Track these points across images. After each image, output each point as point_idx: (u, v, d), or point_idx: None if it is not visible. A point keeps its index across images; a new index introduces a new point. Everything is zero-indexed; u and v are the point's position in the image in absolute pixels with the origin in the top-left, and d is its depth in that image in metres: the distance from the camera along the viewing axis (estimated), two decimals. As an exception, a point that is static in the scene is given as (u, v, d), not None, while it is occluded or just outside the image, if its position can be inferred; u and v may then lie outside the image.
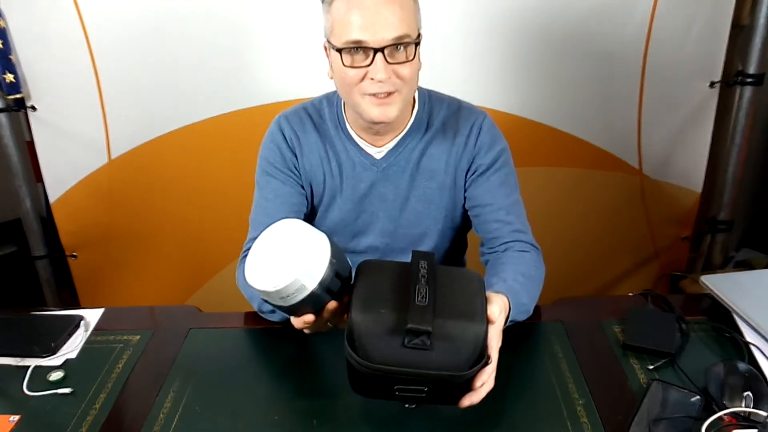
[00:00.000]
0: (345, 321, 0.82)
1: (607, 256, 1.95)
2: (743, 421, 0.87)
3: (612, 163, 1.82)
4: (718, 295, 1.10)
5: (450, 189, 1.14)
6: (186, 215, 1.89)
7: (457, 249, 1.27)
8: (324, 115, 1.13)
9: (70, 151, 1.79)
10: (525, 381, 0.98)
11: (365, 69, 0.97)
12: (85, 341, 1.12)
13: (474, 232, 1.19)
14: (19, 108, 1.77)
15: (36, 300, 2.05)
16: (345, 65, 0.97)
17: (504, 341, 0.93)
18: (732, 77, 1.74)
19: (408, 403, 0.81)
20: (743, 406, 0.88)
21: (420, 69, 1.02)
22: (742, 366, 0.94)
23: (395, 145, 1.11)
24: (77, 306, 1.79)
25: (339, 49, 0.96)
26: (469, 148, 1.12)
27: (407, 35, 0.95)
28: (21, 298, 2.13)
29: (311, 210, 1.19)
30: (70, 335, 1.12)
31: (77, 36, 1.65)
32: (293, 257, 0.78)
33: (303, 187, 1.15)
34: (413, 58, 0.98)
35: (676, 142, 1.78)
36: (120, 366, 1.05)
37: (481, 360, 0.79)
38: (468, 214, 1.17)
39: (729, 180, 1.87)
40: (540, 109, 1.75)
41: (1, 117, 1.78)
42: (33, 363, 1.05)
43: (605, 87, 1.73)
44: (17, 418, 0.95)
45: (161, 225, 1.90)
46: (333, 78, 1.05)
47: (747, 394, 0.89)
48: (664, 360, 0.99)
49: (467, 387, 0.82)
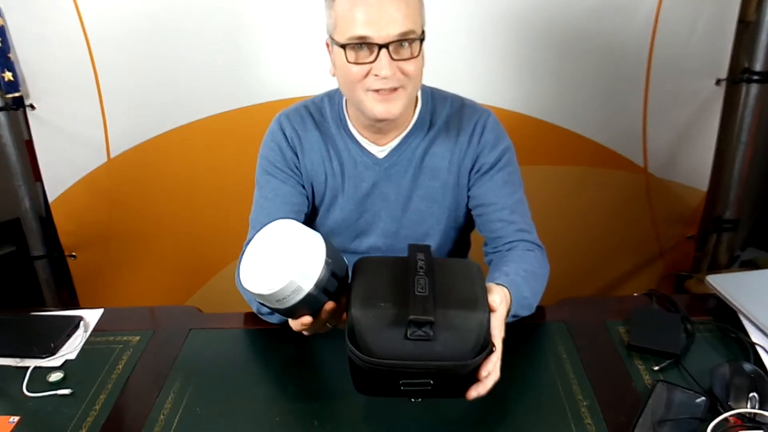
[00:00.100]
0: (344, 321, 0.81)
1: (612, 255, 1.95)
2: (749, 423, 0.86)
3: (617, 162, 1.81)
4: (723, 295, 1.09)
5: (453, 188, 1.13)
6: (186, 214, 1.89)
7: (461, 249, 1.26)
8: (325, 114, 1.13)
9: (69, 150, 1.79)
10: (529, 382, 0.97)
11: (369, 65, 0.96)
12: (85, 342, 1.11)
13: (477, 231, 1.18)
14: (18, 107, 1.77)
15: (35, 300, 2.05)
16: (349, 61, 0.96)
17: (508, 342, 0.91)
18: (738, 74, 1.74)
19: (414, 398, 0.80)
20: (749, 407, 0.87)
21: (424, 66, 1.01)
22: (747, 367, 0.93)
23: (398, 144, 1.11)
24: (76, 306, 1.78)
25: (343, 45, 0.96)
26: (473, 146, 1.11)
27: (412, 31, 0.95)
28: (20, 298, 2.14)
29: (312, 210, 1.18)
30: (69, 336, 1.12)
31: (76, 35, 1.65)
32: (288, 259, 0.77)
33: (304, 187, 1.14)
34: (418, 54, 0.97)
35: (681, 140, 1.78)
36: (120, 367, 1.04)
37: (485, 348, 0.78)
38: (471, 213, 1.16)
39: (735, 179, 1.86)
40: (544, 107, 1.75)
41: (0, 116, 1.78)
42: (32, 364, 1.05)
43: (610, 84, 1.72)
44: (17, 419, 0.94)
45: (161, 224, 1.90)
46: (335, 75, 1.04)
47: (753, 395, 0.88)
48: (669, 361, 0.99)
49: (473, 378, 0.81)
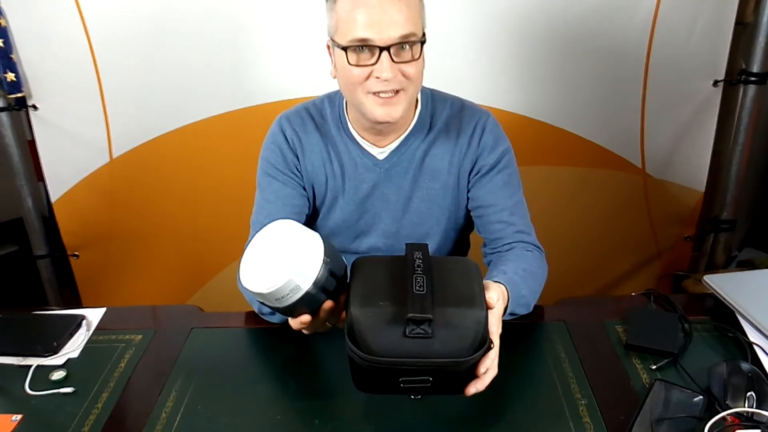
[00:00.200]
0: (343, 320, 0.82)
1: (610, 255, 1.95)
2: (746, 422, 0.86)
3: (615, 162, 1.82)
4: (721, 295, 1.09)
5: (453, 189, 1.14)
6: (187, 214, 1.89)
7: (460, 249, 1.26)
8: (326, 115, 1.13)
9: (71, 151, 1.80)
10: (527, 381, 0.98)
11: (370, 68, 0.96)
12: (87, 341, 1.12)
13: (476, 232, 1.18)
14: (21, 107, 1.77)
15: (38, 299, 2.05)
16: (350, 64, 0.97)
17: (507, 341, 0.92)
18: (735, 76, 1.74)
19: (414, 395, 0.81)
20: (746, 406, 0.87)
21: (424, 68, 1.02)
22: (745, 366, 0.94)
23: (398, 146, 1.11)
24: (79, 305, 1.79)
25: (344, 48, 0.96)
26: (473, 148, 1.11)
27: (413, 34, 0.95)
28: (23, 297, 2.14)
29: (313, 211, 1.18)
30: (72, 335, 1.12)
31: (78, 35, 1.65)
32: (286, 258, 0.78)
33: (305, 189, 1.15)
34: (419, 57, 0.98)
35: (679, 141, 1.78)
36: (122, 365, 1.05)
37: (483, 345, 0.79)
38: (471, 214, 1.17)
39: (732, 179, 1.87)
40: (542, 108, 1.75)
41: (3, 116, 1.78)
42: (35, 362, 1.05)
43: (608, 86, 1.72)
44: (19, 417, 0.95)
45: (163, 224, 1.91)
46: (336, 77, 1.04)
47: (750, 394, 0.89)
48: (666, 360, 0.99)
49: (471, 374, 0.82)
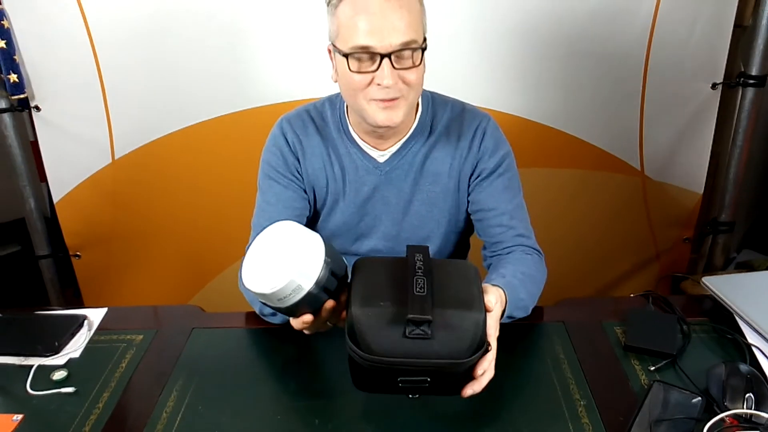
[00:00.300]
0: (344, 319, 0.82)
1: (609, 256, 1.95)
2: (745, 423, 0.87)
3: (614, 164, 1.82)
4: (719, 297, 1.10)
5: (453, 193, 1.14)
6: (189, 215, 1.89)
7: (460, 252, 1.27)
8: (326, 118, 1.13)
9: (73, 151, 1.80)
10: (526, 381, 0.98)
11: (372, 74, 0.96)
12: (89, 340, 1.12)
13: (476, 235, 1.19)
14: (23, 108, 1.77)
15: (40, 299, 2.06)
16: (351, 70, 0.97)
17: (506, 341, 0.92)
18: (734, 78, 1.74)
19: (411, 394, 0.82)
20: (745, 407, 0.88)
21: (425, 73, 1.02)
22: (743, 367, 0.94)
23: (398, 149, 1.11)
24: (81, 305, 1.78)
25: (345, 54, 0.96)
26: (473, 152, 1.11)
27: (414, 41, 0.95)
28: (25, 297, 2.14)
29: (314, 213, 1.19)
30: (73, 334, 1.13)
31: (81, 37, 1.65)
32: (288, 258, 0.79)
33: (305, 191, 1.15)
34: (419, 63, 0.98)
35: (677, 143, 1.78)
36: (123, 365, 1.05)
37: (481, 347, 0.80)
38: (471, 217, 1.17)
39: (731, 181, 1.87)
40: (542, 111, 1.75)
41: (6, 117, 1.78)
42: (36, 362, 1.05)
43: (607, 88, 1.73)
44: (20, 417, 0.95)
45: (164, 225, 1.91)
46: (337, 81, 1.04)
47: (749, 395, 0.89)
48: (665, 361, 0.99)
49: (469, 376, 0.83)
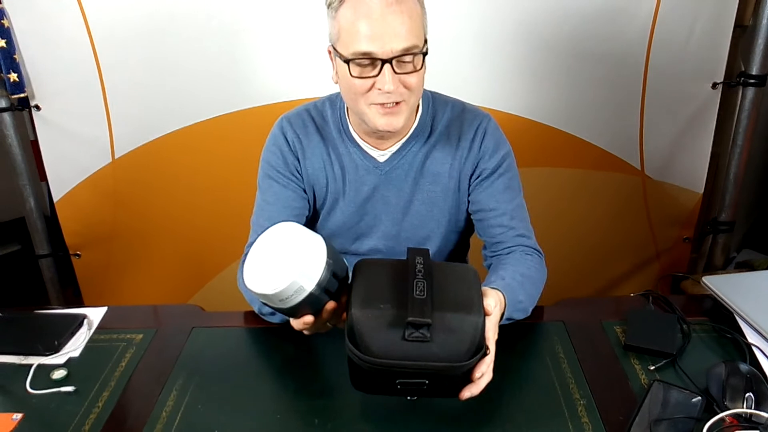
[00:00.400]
0: (344, 320, 0.82)
1: (609, 256, 1.95)
2: (744, 423, 0.87)
3: (614, 164, 1.82)
4: (719, 296, 1.10)
5: (454, 192, 1.14)
6: (189, 215, 1.89)
7: (460, 251, 1.27)
8: (327, 118, 1.13)
9: (73, 151, 1.80)
10: (526, 381, 0.98)
11: (373, 79, 0.96)
12: (89, 340, 1.12)
13: (477, 235, 1.19)
14: (24, 107, 1.77)
15: (40, 298, 2.06)
16: (352, 76, 0.96)
17: (506, 341, 0.93)
18: (734, 78, 1.74)
19: (409, 395, 0.82)
20: (745, 407, 0.88)
21: (425, 75, 1.02)
22: (743, 367, 0.94)
23: (399, 149, 1.11)
24: (81, 305, 1.79)
25: (347, 60, 0.96)
26: (474, 152, 1.11)
27: (415, 46, 0.95)
28: (25, 296, 2.14)
29: (313, 213, 1.19)
30: (73, 334, 1.13)
31: (81, 36, 1.65)
32: (290, 260, 0.79)
33: (305, 191, 1.15)
34: (420, 67, 0.98)
35: (678, 143, 1.78)
36: (123, 364, 1.05)
37: (480, 351, 0.81)
38: (471, 218, 1.17)
39: (731, 181, 1.87)
40: (542, 110, 1.75)
41: (6, 116, 1.78)
42: (36, 361, 1.05)
43: (608, 88, 1.73)
44: (20, 416, 0.95)
45: (164, 224, 1.91)
46: (338, 83, 1.04)
47: (748, 395, 0.89)
48: (665, 360, 0.99)
49: (467, 378, 0.83)
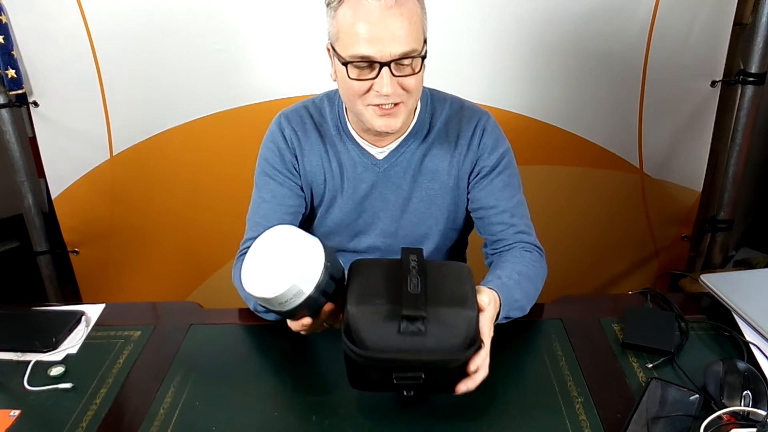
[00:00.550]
0: (340, 321, 0.83)
1: (608, 254, 1.96)
2: (742, 420, 0.87)
3: (613, 162, 1.82)
4: (717, 294, 1.10)
5: (452, 190, 1.14)
6: (187, 212, 1.89)
7: (459, 249, 1.27)
8: (325, 115, 1.13)
9: (72, 147, 1.80)
10: (524, 378, 0.98)
11: (371, 82, 0.96)
12: (86, 336, 1.12)
13: (477, 233, 1.19)
14: (22, 104, 1.77)
15: (38, 295, 2.06)
16: (350, 78, 0.96)
17: (504, 339, 0.93)
18: (733, 76, 1.74)
19: (406, 390, 0.83)
20: (742, 405, 0.88)
21: (424, 74, 1.01)
22: (741, 365, 0.94)
23: (397, 146, 1.11)
24: (79, 302, 1.79)
25: (345, 62, 0.95)
26: (473, 149, 1.11)
27: (414, 50, 0.94)
28: (23, 293, 2.14)
29: (311, 210, 1.19)
30: (71, 330, 1.13)
31: (79, 32, 1.65)
32: (289, 263, 0.80)
33: (302, 189, 1.15)
34: (419, 70, 0.97)
35: (676, 141, 1.78)
36: (121, 361, 1.05)
37: (474, 344, 0.82)
38: (471, 215, 1.17)
39: (729, 179, 1.87)
40: (541, 108, 1.75)
41: (4, 113, 1.78)
42: (34, 358, 1.05)
43: (606, 86, 1.73)
44: (18, 412, 0.95)
45: (162, 221, 1.91)
46: (336, 81, 1.04)
47: (746, 393, 0.89)
48: (663, 358, 1.00)
49: (462, 372, 0.84)
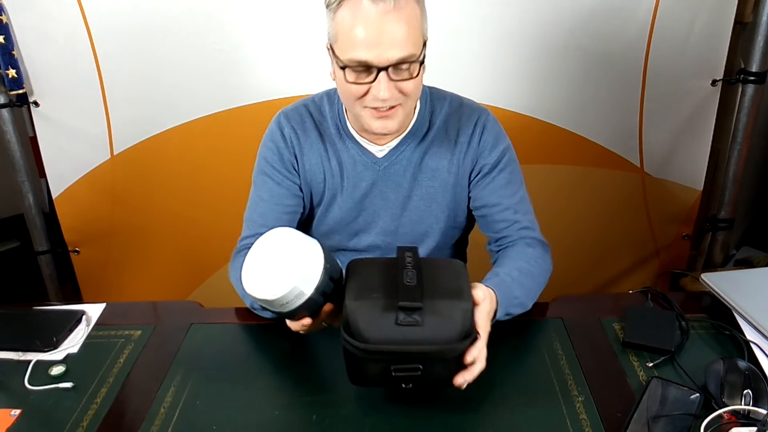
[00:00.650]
0: (339, 320, 0.84)
1: (608, 253, 1.96)
2: (742, 419, 0.87)
3: (613, 161, 1.82)
4: (718, 293, 1.10)
5: (453, 188, 1.14)
6: (187, 211, 1.89)
7: (459, 248, 1.27)
8: (324, 113, 1.13)
9: (72, 147, 1.80)
10: (525, 378, 0.98)
11: (368, 85, 0.96)
12: (87, 336, 1.12)
13: (480, 231, 1.19)
14: (22, 103, 1.77)
15: (38, 295, 2.06)
16: (348, 81, 0.96)
17: (505, 338, 0.93)
18: (734, 75, 1.74)
19: (404, 383, 0.84)
20: (743, 404, 0.88)
21: (424, 75, 1.01)
22: (741, 364, 0.94)
23: (397, 144, 1.11)
24: (80, 301, 1.79)
25: (342, 66, 0.95)
26: (473, 147, 1.11)
27: (412, 55, 0.93)
28: (23, 293, 2.15)
29: (311, 209, 1.19)
30: (71, 330, 1.13)
31: (80, 32, 1.65)
32: (290, 265, 0.81)
33: (301, 189, 1.15)
34: (417, 74, 0.96)
35: (677, 140, 1.78)
36: (121, 361, 1.05)
37: (470, 336, 0.83)
38: (472, 213, 1.17)
39: (730, 178, 1.87)
40: (542, 107, 1.75)
41: (4, 113, 1.78)
42: (34, 357, 1.06)
43: (607, 85, 1.72)
44: (18, 412, 0.95)
45: (163, 221, 1.91)
46: (335, 80, 1.04)
47: (747, 392, 0.89)
48: (663, 357, 0.99)
49: (460, 365, 0.85)
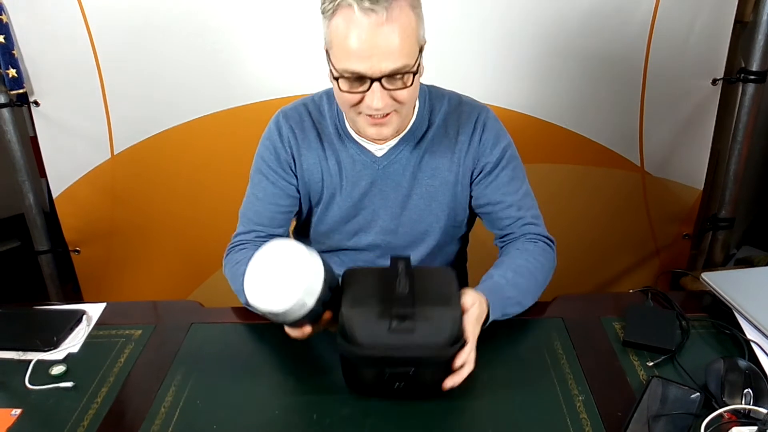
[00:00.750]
0: (335, 325, 0.87)
1: (609, 252, 1.96)
2: (743, 418, 0.87)
3: (614, 160, 1.82)
4: (718, 292, 1.10)
5: (453, 186, 1.14)
6: (188, 211, 1.89)
7: (459, 247, 1.27)
8: (324, 112, 1.13)
9: (73, 147, 1.80)
10: (525, 376, 0.98)
11: (362, 94, 0.95)
12: (87, 335, 1.12)
13: (486, 228, 1.19)
14: (23, 103, 1.77)
15: (39, 295, 2.06)
16: (342, 90, 0.96)
17: (505, 337, 0.94)
18: (734, 74, 1.74)
19: (398, 381, 0.88)
20: (743, 403, 0.88)
21: (421, 76, 1.01)
22: (742, 363, 0.94)
23: (396, 144, 1.11)
24: (80, 301, 1.79)
25: (336, 77, 0.95)
26: (473, 146, 1.11)
27: (406, 65, 0.93)
28: (24, 292, 2.15)
29: (310, 209, 1.19)
30: (72, 329, 1.13)
31: (80, 32, 1.65)
32: (292, 278, 0.84)
33: (297, 189, 1.15)
34: (411, 84, 0.95)
35: (677, 139, 1.78)
36: (122, 360, 1.05)
37: (459, 341, 0.87)
38: (474, 211, 1.17)
39: (731, 178, 1.87)
40: (542, 106, 1.75)
41: (5, 112, 1.78)
42: (35, 357, 1.06)
43: (607, 84, 1.72)
44: (19, 411, 0.95)
45: (163, 220, 1.91)
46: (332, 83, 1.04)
47: (747, 391, 0.89)
48: (663, 357, 0.99)
49: (449, 369, 0.88)
